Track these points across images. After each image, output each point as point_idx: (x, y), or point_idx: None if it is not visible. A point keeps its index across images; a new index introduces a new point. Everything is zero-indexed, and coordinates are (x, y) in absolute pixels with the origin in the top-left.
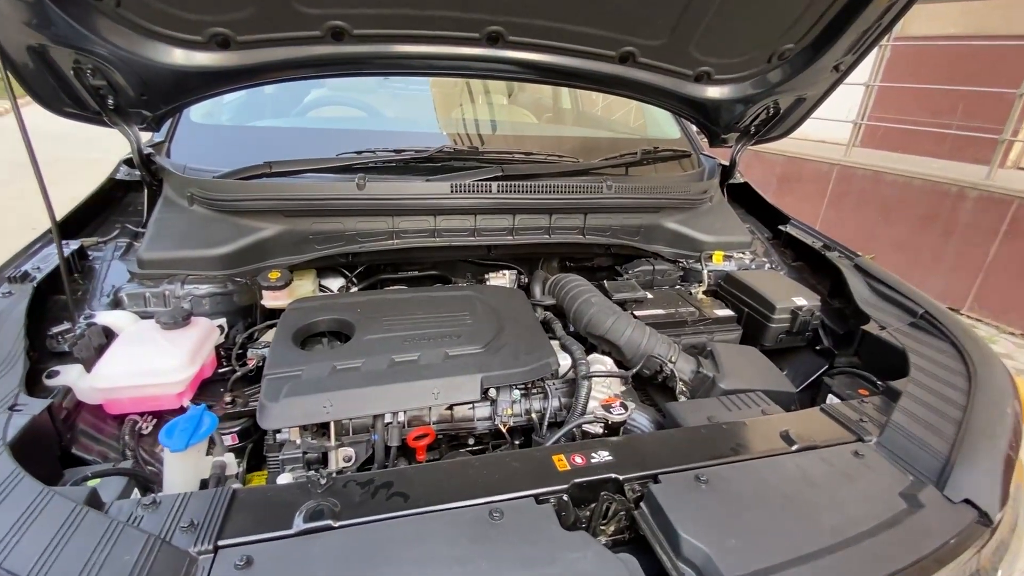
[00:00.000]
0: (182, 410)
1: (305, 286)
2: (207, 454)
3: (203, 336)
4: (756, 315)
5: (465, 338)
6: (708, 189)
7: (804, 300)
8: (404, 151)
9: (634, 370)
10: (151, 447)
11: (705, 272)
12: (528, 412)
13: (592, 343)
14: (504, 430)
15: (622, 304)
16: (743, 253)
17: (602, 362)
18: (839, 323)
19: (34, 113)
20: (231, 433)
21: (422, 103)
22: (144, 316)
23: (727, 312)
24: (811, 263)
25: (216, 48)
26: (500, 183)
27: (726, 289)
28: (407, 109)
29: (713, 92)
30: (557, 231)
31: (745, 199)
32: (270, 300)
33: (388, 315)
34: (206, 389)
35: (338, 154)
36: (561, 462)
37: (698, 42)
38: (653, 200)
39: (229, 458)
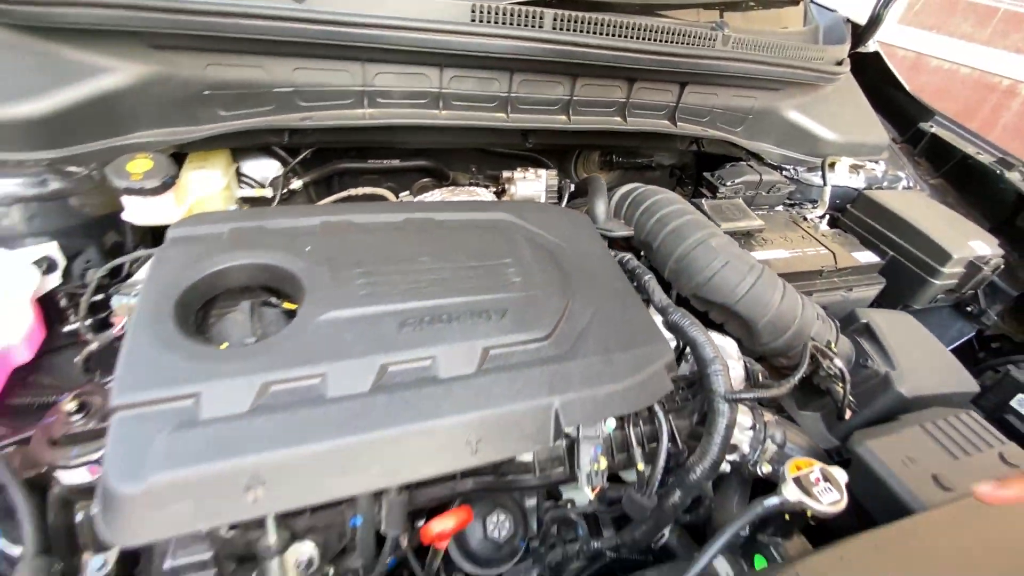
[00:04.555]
0: None
1: (212, 181)
2: None
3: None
4: (911, 263)
5: (514, 316)
6: (842, 60)
7: (986, 247)
8: None
9: (795, 378)
10: None
11: (827, 190)
12: (628, 457)
13: (695, 308)
14: (593, 495)
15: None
16: (875, 162)
17: (727, 353)
18: (1008, 279)
19: None
20: (85, 465)
21: None
22: None
23: (869, 256)
24: (955, 179)
25: None
26: (556, 14)
27: (855, 218)
28: None
29: None
30: (637, 111)
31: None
32: (139, 213)
33: (364, 259)
34: (30, 382)
35: None
36: None
37: None
38: (781, 70)
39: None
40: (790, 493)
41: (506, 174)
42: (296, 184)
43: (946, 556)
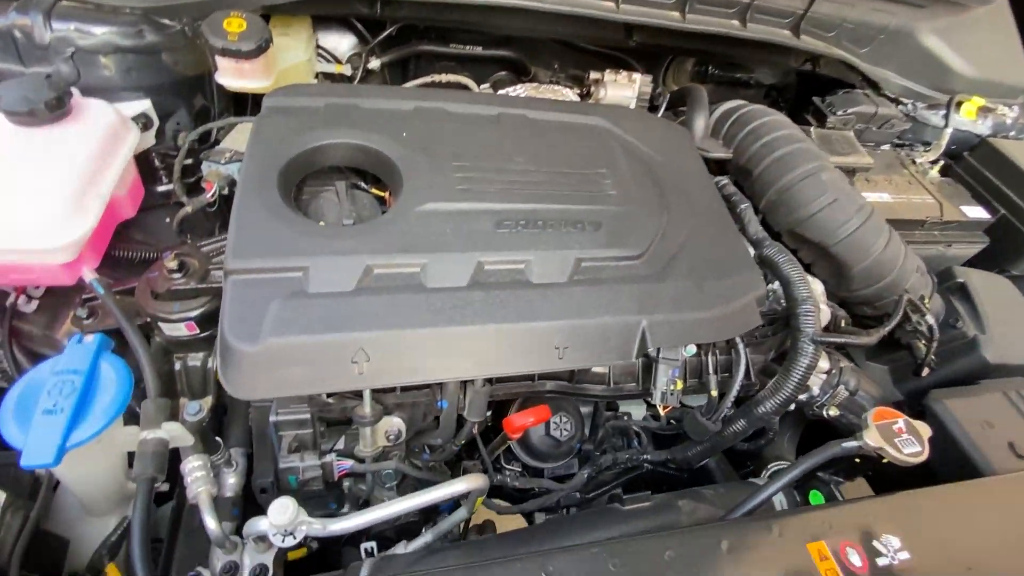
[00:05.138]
0: (79, 288)
1: (294, 51)
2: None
3: (104, 139)
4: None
5: (608, 231)
6: None
7: None
8: None
9: (886, 329)
10: (42, 330)
11: (946, 133)
12: (700, 383)
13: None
14: (663, 413)
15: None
16: (1008, 107)
17: (815, 296)
18: None
19: None
20: (185, 321)
21: None
22: None
23: (979, 212)
24: None
25: None
26: None
27: (971, 168)
28: None
29: None
30: (760, 16)
31: None
32: (232, 76)
33: (461, 152)
34: (126, 237)
35: None
36: (826, 561)
37: None
38: None
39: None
40: (871, 438)
41: (594, 75)
42: (374, 64)
43: (1013, 521)
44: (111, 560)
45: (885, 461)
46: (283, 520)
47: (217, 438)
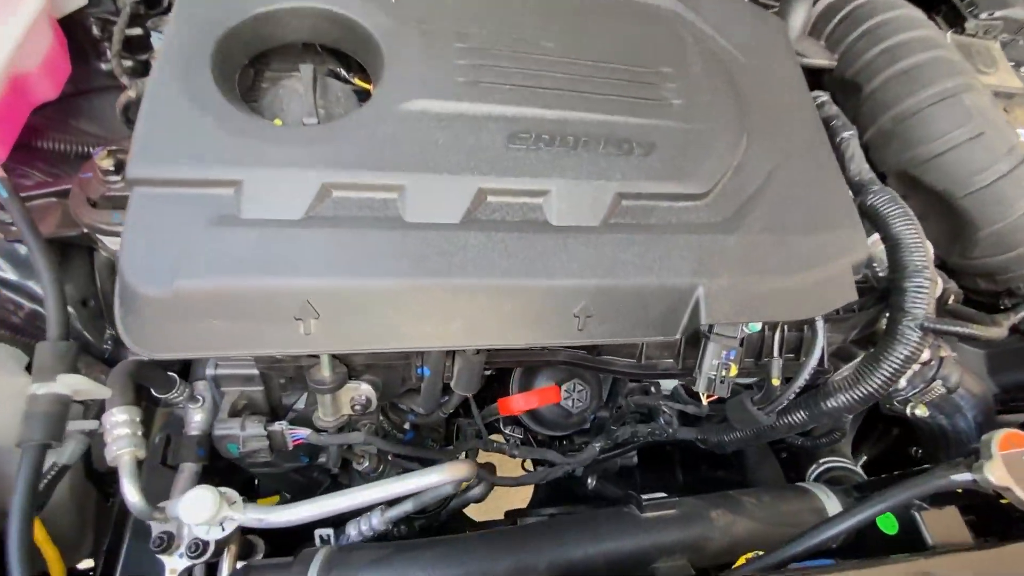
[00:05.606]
0: None
1: None
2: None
3: None
4: None
5: (664, 156)
6: None
7: None
8: None
9: (1019, 316)
10: None
11: None
12: (758, 365)
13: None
14: (706, 402)
15: None
16: None
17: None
18: None
19: None
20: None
21: None
22: None
23: None
24: None
25: None
26: None
27: None
28: None
29: None
30: None
31: None
32: None
33: (468, 30)
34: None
35: None
36: None
37: None
38: None
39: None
40: (995, 474)
41: None
42: None
43: None
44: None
45: (1005, 502)
46: (198, 517)
47: (171, 373)
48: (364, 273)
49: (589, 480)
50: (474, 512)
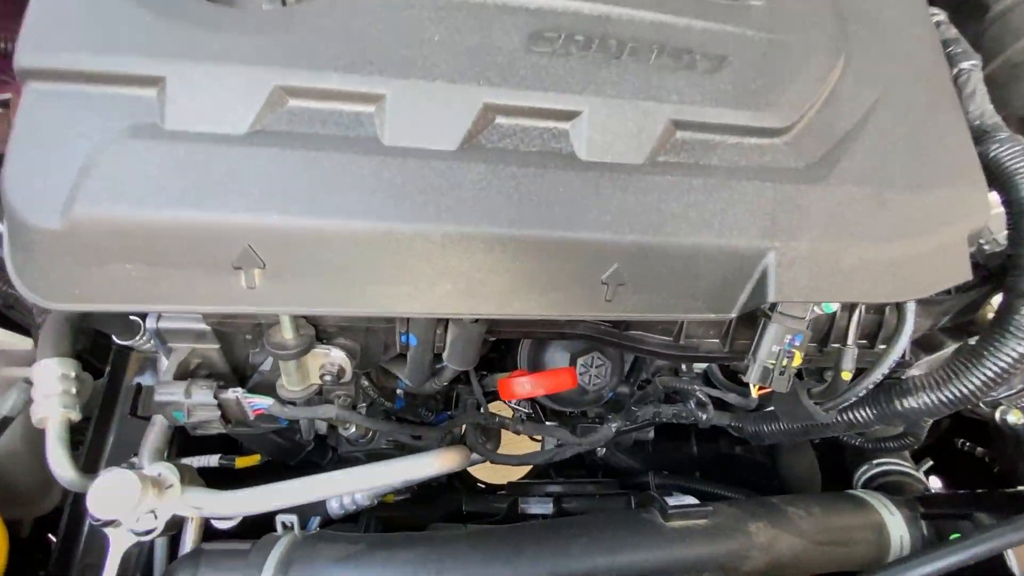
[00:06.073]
0: None
1: None
2: None
3: None
4: None
5: (736, 75)
6: None
7: None
8: None
9: None
10: None
11: None
12: (823, 353)
13: None
14: (756, 393)
15: None
16: None
17: None
18: None
19: None
20: None
21: None
22: None
23: None
24: None
25: None
26: None
27: None
28: None
29: None
30: None
31: None
32: None
33: None
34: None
35: None
36: None
37: None
38: None
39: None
40: None
41: None
42: None
43: None
44: None
45: None
46: (108, 511)
47: (134, 317)
48: (325, 212)
49: (599, 448)
50: (478, 470)
